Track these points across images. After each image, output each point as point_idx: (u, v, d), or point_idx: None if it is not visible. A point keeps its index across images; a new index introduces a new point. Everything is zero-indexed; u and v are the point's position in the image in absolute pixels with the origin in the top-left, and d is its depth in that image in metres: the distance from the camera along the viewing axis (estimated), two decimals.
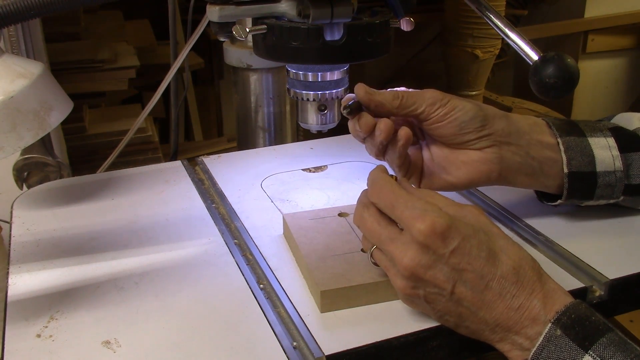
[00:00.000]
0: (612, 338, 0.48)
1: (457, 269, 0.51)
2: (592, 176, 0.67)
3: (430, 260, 0.52)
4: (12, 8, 0.55)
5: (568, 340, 0.48)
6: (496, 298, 0.51)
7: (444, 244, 0.51)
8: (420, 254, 0.52)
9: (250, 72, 1.01)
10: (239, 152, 0.97)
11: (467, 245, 0.52)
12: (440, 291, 0.52)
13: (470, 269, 0.51)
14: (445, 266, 0.52)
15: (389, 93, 0.64)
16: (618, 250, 0.67)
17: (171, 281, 0.63)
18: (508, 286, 0.51)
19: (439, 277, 0.52)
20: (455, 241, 0.51)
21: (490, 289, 0.51)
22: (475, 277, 0.51)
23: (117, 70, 1.61)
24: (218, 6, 0.69)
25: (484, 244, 0.52)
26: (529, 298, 0.51)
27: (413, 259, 0.52)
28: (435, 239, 0.51)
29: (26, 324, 0.57)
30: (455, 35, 2.13)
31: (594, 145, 0.67)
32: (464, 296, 0.52)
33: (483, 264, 0.51)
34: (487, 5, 0.75)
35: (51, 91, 0.65)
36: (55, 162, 0.91)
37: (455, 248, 0.51)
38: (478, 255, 0.52)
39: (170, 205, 0.79)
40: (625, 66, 2.59)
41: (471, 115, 0.65)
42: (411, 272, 0.52)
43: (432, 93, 0.65)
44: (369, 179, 0.59)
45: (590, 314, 0.50)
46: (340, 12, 0.67)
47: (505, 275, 0.51)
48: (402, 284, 0.54)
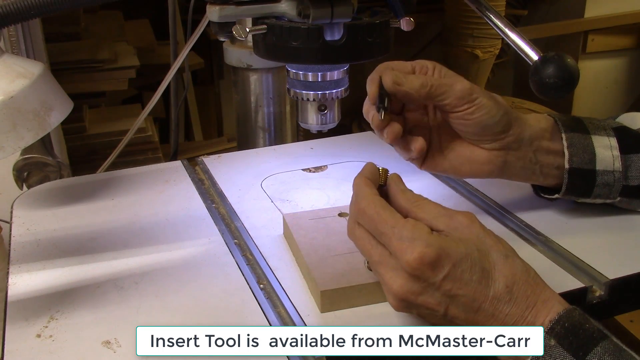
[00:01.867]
0: (607, 346, 0.47)
1: (448, 295, 0.51)
2: (592, 174, 0.67)
3: (421, 288, 0.51)
4: (12, 8, 0.55)
5: (562, 350, 0.48)
6: (489, 319, 0.51)
7: (434, 273, 0.50)
8: (410, 282, 0.51)
9: (250, 72, 1.01)
10: (239, 152, 0.97)
11: (458, 270, 0.51)
12: (433, 312, 0.52)
13: (462, 293, 0.51)
14: (436, 292, 0.51)
15: (417, 81, 0.63)
16: (618, 250, 0.67)
17: (171, 281, 0.63)
18: (501, 306, 0.51)
19: (430, 302, 0.52)
20: (446, 269, 0.50)
21: (483, 310, 0.51)
22: (467, 301, 0.51)
23: (117, 70, 1.61)
24: (218, 6, 0.69)
25: (476, 265, 0.51)
26: (523, 315, 0.51)
27: (402, 287, 0.51)
28: (424, 269, 0.50)
29: (26, 324, 0.57)
30: (455, 35, 2.14)
31: (596, 144, 0.67)
32: (457, 316, 0.52)
33: (475, 287, 0.51)
34: (487, 5, 0.75)
35: (51, 91, 0.65)
36: (55, 162, 0.91)
37: (446, 275, 0.51)
38: (470, 279, 0.51)
39: (170, 205, 0.79)
40: (625, 66, 2.59)
41: (496, 120, 0.64)
42: (402, 298, 0.52)
43: (461, 85, 0.63)
44: (353, 191, 0.58)
45: (584, 321, 0.49)
46: (340, 12, 0.67)
47: (499, 296, 0.51)
48: (394, 304, 0.54)
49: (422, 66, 0.66)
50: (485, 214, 0.75)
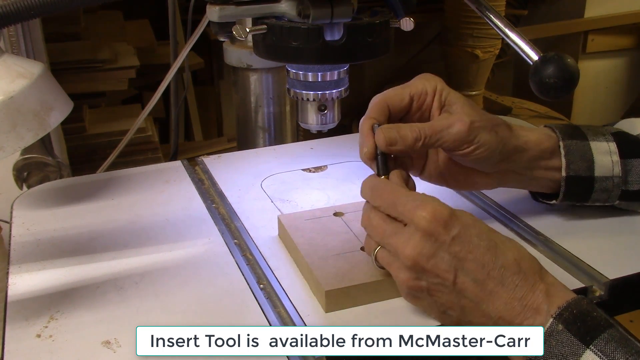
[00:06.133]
0: (613, 334, 0.48)
1: (458, 257, 0.52)
2: (590, 180, 0.68)
3: (432, 249, 0.52)
4: (12, 8, 0.55)
5: (570, 335, 0.48)
6: (499, 288, 0.51)
7: (446, 230, 0.52)
8: (423, 242, 0.52)
9: (250, 72, 1.01)
10: (239, 152, 0.97)
11: (467, 233, 0.52)
12: (442, 281, 0.52)
13: (471, 257, 0.52)
14: (446, 254, 0.52)
15: (411, 135, 0.60)
16: (618, 250, 0.67)
17: (171, 281, 0.63)
18: (510, 275, 0.51)
19: (440, 267, 0.52)
20: (456, 229, 0.52)
21: (492, 277, 0.51)
22: (476, 267, 0.51)
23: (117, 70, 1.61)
24: (218, 6, 0.69)
25: (484, 233, 0.53)
26: (532, 289, 0.51)
27: (415, 248, 0.52)
28: (437, 225, 0.52)
29: (26, 324, 0.57)
30: (455, 35, 2.13)
31: (595, 150, 0.67)
32: (466, 287, 0.52)
33: (483, 252, 0.52)
34: (487, 5, 0.75)
35: (51, 91, 0.65)
36: (55, 162, 0.91)
37: (456, 235, 0.52)
38: (478, 244, 0.52)
39: (170, 205, 0.79)
40: (625, 66, 2.59)
41: (495, 153, 0.64)
42: (413, 261, 0.52)
43: (458, 128, 0.61)
44: (365, 187, 0.59)
45: (591, 309, 0.50)
46: (340, 12, 0.67)
47: (507, 265, 0.52)
48: (404, 277, 0.54)
49: (421, 92, 0.64)
50: (486, 214, 0.75)
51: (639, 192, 0.69)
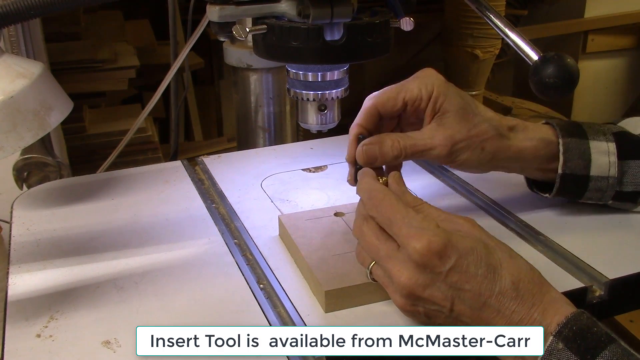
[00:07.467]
0: (615, 350, 0.47)
1: (454, 287, 0.51)
2: (585, 179, 0.68)
3: (428, 279, 0.51)
4: (12, 8, 0.55)
5: (570, 354, 0.47)
6: (495, 315, 0.51)
7: (441, 262, 0.51)
8: (417, 274, 0.51)
9: (250, 72, 1.01)
10: (239, 152, 0.97)
11: (464, 262, 0.51)
12: (440, 308, 0.52)
13: (468, 287, 0.51)
14: (442, 284, 0.51)
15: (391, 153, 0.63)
16: (618, 250, 0.67)
17: (171, 281, 0.63)
18: (507, 302, 0.51)
19: (437, 296, 0.52)
20: (452, 259, 0.51)
21: (489, 306, 0.51)
22: (472, 296, 0.51)
23: (117, 70, 1.61)
24: (218, 6, 0.69)
25: (482, 259, 0.52)
26: (529, 312, 0.50)
27: (410, 278, 0.52)
28: (431, 257, 0.51)
29: (26, 324, 0.57)
30: (455, 35, 2.13)
31: (594, 149, 0.67)
32: (463, 312, 0.52)
33: (480, 281, 0.51)
34: (487, 5, 0.75)
35: (51, 91, 0.65)
36: (55, 162, 0.91)
37: (452, 266, 0.51)
38: (475, 273, 0.51)
39: (170, 205, 0.79)
40: (625, 66, 2.59)
41: (482, 165, 0.66)
42: (409, 291, 0.52)
43: (439, 151, 0.63)
44: (363, 190, 0.59)
45: (592, 324, 0.49)
46: (340, 12, 0.67)
47: (504, 292, 0.51)
48: (401, 302, 0.54)
49: (416, 98, 0.65)
50: (485, 213, 0.75)
51: (632, 193, 0.69)
